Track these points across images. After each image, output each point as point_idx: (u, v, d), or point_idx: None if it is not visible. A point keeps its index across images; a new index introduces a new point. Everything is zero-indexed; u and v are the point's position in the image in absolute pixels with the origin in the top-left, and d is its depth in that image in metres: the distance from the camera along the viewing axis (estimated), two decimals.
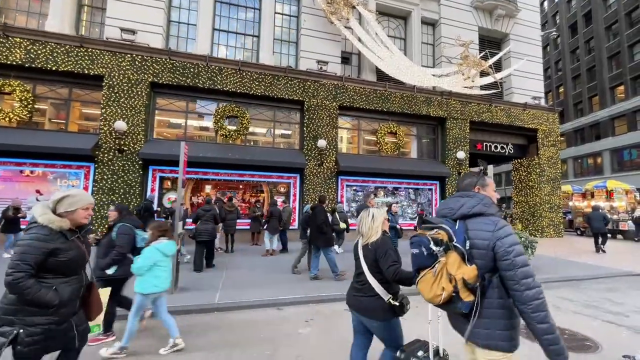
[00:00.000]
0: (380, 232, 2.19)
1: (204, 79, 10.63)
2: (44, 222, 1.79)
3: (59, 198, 1.89)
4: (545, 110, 15.08)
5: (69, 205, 1.88)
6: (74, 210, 1.89)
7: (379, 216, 2.25)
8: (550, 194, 14.66)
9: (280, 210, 8.92)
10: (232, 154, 10.53)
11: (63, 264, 1.82)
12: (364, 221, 2.25)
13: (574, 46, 34.56)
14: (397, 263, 2.09)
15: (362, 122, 13.03)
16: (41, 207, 1.85)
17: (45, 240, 1.77)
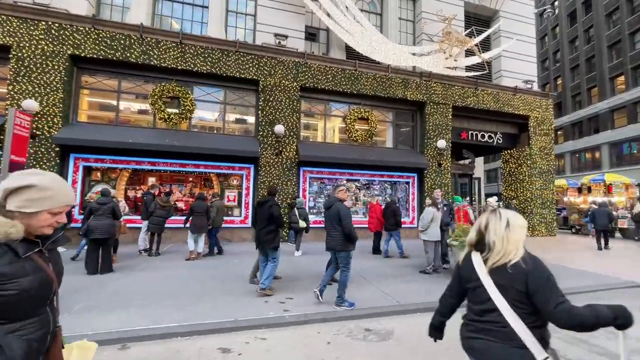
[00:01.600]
0: (522, 247, 1.46)
1: (137, 53, 9.09)
2: None
3: (14, 187, 1.06)
4: (538, 96, 13.59)
5: (30, 202, 1.07)
6: (36, 213, 1.08)
7: (518, 223, 1.48)
8: (543, 189, 13.21)
9: (207, 205, 7.44)
10: (170, 140, 9.02)
11: (11, 300, 1.00)
12: (494, 228, 1.47)
13: (573, 35, 33.08)
14: (565, 299, 1.35)
15: (329, 105, 11.51)
16: None
17: None
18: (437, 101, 11.97)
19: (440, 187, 11.60)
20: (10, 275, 1.00)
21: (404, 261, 7.39)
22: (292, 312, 3.96)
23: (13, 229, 1.02)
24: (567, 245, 10.73)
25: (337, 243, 4.17)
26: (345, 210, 4.19)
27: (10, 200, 1.05)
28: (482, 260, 1.47)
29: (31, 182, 1.06)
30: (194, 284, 5.19)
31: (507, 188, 14.29)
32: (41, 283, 1.08)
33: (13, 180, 1.06)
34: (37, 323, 1.09)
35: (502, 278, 1.40)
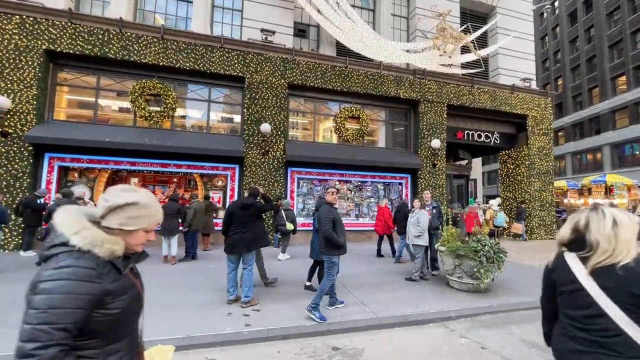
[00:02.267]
0: (634, 248, 1.24)
1: (116, 48, 8.72)
2: (83, 244, 0.97)
3: (119, 204, 1.05)
4: (537, 94, 13.16)
5: (131, 219, 1.06)
6: (135, 231, 1.08)
7: (627, 221, 1.27)
8: (542, 190, 12.76)
9: (179, 207, 7.05)
10: (150, 140, 8.64)
11: (115, 319, 1.01)
12: (598, 227, 1.28)
13: (574, 35, 32.69)
14: None
15: (318, 104, 11.12)
16: (73, 215, 1.02)
17: (89, 278, 0.95)
18: (431, 99, 11.56)
19: (435, 188, 11.18)
20: (116, 293, 1.01)
21: (395, 267, 6.95)
22: (253, 328, 3.54)
23: (117, 246, 1.03)
24: None
25: (321, 246, 4.09)
26: (325, 213, 3.96)
27: (111, 217, 1.04)
28: (579, 261, 1.33)
29: (135, 200, 1.06)
30: (157, 292, 4.77)
31: (505, 189, 13.85)
32: (137, 300, 1.11)
33: (117, 197, 1.05)
34: (131, 341, 1.09)
35: (608, 280, 1.25)
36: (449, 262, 5.21)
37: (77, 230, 0.98)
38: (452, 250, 5.05)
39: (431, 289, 5.25)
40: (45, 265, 0.96)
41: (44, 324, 0.87)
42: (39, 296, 0.90)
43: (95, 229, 1.01)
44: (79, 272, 0.94)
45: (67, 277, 0.92)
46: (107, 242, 1.00)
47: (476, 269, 4.78)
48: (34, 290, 0.91)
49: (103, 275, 0.98)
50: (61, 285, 0.91)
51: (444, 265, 5.42)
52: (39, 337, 0.86)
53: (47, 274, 0.93)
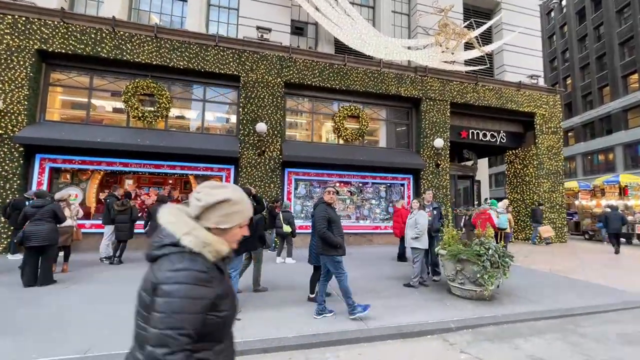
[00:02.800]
0: None
1: (108, 48, 8.57)
2: (194, 245, 0.95)
3: (212, 202, 1.01)
4: (545, 91, 12.67)
5: (225, 217, 1.04)
6: (230, 228, 1.06)
7: None
8: (551, 191, 12.21)
9: None
10: (143, 140, 8.43)
11: (223, 322, 1.01)
12: None
13: (582, 33, 31.95)
14: None
15: (316, 103, 10.82)
16: (180, 215, 1.00)
17: (204, 282, 0.94)
18: (433, 97, 11.17)
19: (438, 189, 10.76)
20: (224, 296, 1.00)
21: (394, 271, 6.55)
22: None
23: (224, 246, 1.01)
24: (578, 253, 9.71)
25: (319, 247, 3.99)
26: (321, 213, 3.90)
27: (207, 216, 1.01)
28: None
29: (227, 196, 1.03)
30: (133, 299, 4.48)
31: (512, 191, 13.32)
32: (235, 300, 1.10)
33: (209, 195, 1.01)
34: (231, 340, 1.11)
35: None
36: (450, 267, 4.81)
37: (187, 230, 0.95)
38: (453, 254, 4.65)
39: (430, 296, 4.85)
40: (159, 266, 0.94)
41: (169, 329, 0.87)
42: (161, 299, 0.89)
43: (203, 229, 0.98)
44: (196, 275, 0.92)
45: (187, 280, 0.90)
46: (216, 242, 0.98)
47: (479, 275, 4.37)
48: (155, 292, 0.91)
49: (213, 279, 0.97)
50: (182, 289, 0.89)
51: (445, 271, 5.02)
52: (167, 343, 0.86)
53: (166, 276, 0.91)
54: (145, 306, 0.93)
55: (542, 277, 6.28)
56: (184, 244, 0.94)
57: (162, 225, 1.00)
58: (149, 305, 0.91)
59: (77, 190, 8.66)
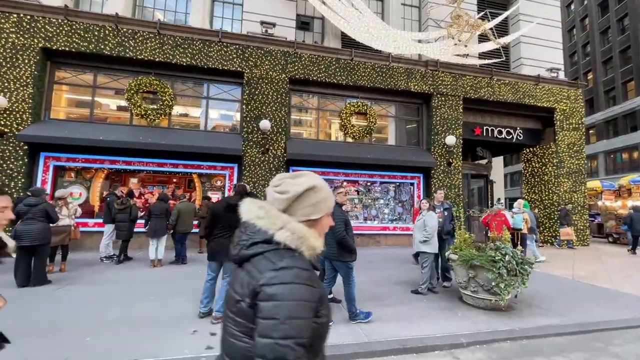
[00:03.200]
0: None
1: (111, 45, 8.50)
2: (290, 240, 0.87)
3: (298, 192, 0.91)
4: (565, 86, 11.94)
5: (313, 207, 0.94)
6: (319, 219, 0.97)
7: None
8: (572, 191, 11.50)
9: (167, 207, 6.63)
10: (145, 138, 8.32)
11: (322, 328, 0.90)
12: None
13: (605, 26, 30.46)
14: None
15: (322, 99, 10.49)
16: (266, 209, 0.91)
17: (311, 282, 0.84)
18: (445, 93, 10.67)
19: (450, 189, 10.26)
20: (324, 297, 0.90)
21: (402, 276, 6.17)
22: (215, 351, 2.94)
23: (319, 242, 0.91)
24: (602, 258, 9.05)
25: (333, 252, 3.75)
26: (338, 215, 3.68)
27: (294, 209, 0.91)
28: None
29: (312, 184, 0.93)
30: (126, 301, 4.29)
31: (529, 191, 12.64)
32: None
33: (293, 185, 0.91)
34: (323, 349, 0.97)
35: None
36: (462, 273, 4.41)
37: (281, 224, 0.87)
38: (465, 260, 4.25)
39: (440, 305, 4.46)
40: (256, 266, 0.84)
41: (286, 337, 0.75)
42: (268, 303, 0.78)
43: (297, 223, 0.89)
44: (302, 274, 0.82)
45: (294, 280, 0.80)
46: (310, 236, 0.89)
47: (494, 283, 3.96)
48: (257, 296, 0.80)
49: (315, 278, 0.88)
50: (291, 290, 0.79)
51: (457, 277, 4.62)
52: (285, 355, 0.74)
53: (269, 276, 0.80)
54: (243, 314, 0.82)
55: (565, 284, 5.78)
56: (279, 239, 0.85)
57: (250, 221, 0.91)
58: (246, 312, 0.81)
59: (81, 188, 8.63)
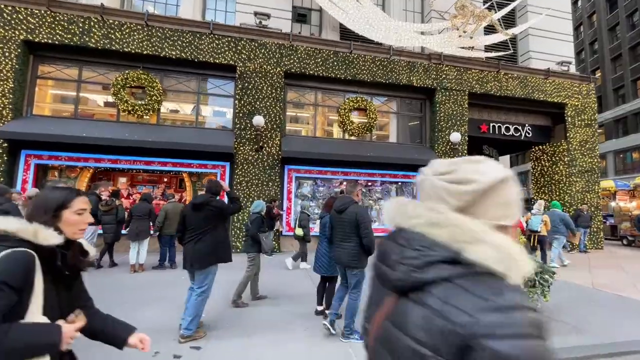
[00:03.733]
0: None
1: (97, 37, 8.08)
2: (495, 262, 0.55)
3: (492, 182, 0.61)
4: (577, 80, 11.33)
5: (510, 205, 0.64)
6: (510, 227, 0.65)
7: None
8: (585, 191, 10.86)
9: (150, 207, 6.16)
10: (131, 135, 7.88)
11: None
12: None
13: (613, 22, 29.69)
14: None
15: (319, 94, 9.99)
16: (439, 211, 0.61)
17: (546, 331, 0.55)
18: (449, 87, 10.12)
19: None
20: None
21: None
22: None
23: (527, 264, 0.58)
24: (621, 262, 8.41)
25: (352, 258, 3.28)
26: (367, 215, 3.32)
27: (480, 209, 0.62)
28: None
29: (504, 174, 0.63)
30: None
31: (539, 191, 12.02)
32: None
33: (477, 173, 0.62)
34: None
35: None
36: None
37: (474, 236, 0.56)
38: None
39: None
40: (446, 300, 0.54)
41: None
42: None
43: (496, 233, 0.58)
44: (536, 320, 0.53)
45: (530, 329, 0.51)
46: (521, 254, 0.57)
47: None
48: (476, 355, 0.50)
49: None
50: (531, 348, 0.50)
51: None
52: None
53: (490, 320, 0.50)
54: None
55: (586, 293, 5.19)
56: (476, 259, 0.55)
57: (414, 228, 0.63)
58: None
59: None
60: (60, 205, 1.09)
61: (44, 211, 1.08)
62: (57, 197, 1.12)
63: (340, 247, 3.38)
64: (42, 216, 1.06)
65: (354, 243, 3.26)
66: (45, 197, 1.13)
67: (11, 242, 0.98)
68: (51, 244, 1.01)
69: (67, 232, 1.09)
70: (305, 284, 5.43)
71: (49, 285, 1.01)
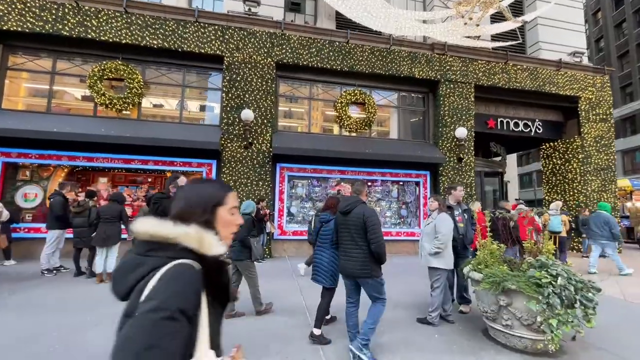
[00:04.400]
0: None
1: (71, 25, 7.44)
2: None
3: None
4: (590, 72, 10.60)
5: None
6: None
7: None
8: (601, 191, 10.09)
9: (121, 209, 5.48)
10: (107, 130, 7.21)
11: None
12: None
13: (619, 19, 29.06)
14: None
15: (314, 87, 9.30)
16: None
17: None
18: (454, 79, 9.41)
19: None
20: None
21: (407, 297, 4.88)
22: None
23: None
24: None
25: (363, 267, 2.80)
26: (375, 217, 2.84)
27: None
28: None
29: None
30: (36, 335, 3.11)
31: (550, 191, 11.24)
32: None
33: None
34: None
35: None
36: (489, 300, 3.14)
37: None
38: (494, 282, 2.98)
39: (457, 341, 3.20)
40: None
41: None
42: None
43: None
44: None
45: None
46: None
47: (541, 318, 2.69)
48: None
49: None
50: None
51: (481, 304, 3.34)
52: None
53: None
54: None
55: (621, 309, 4.43)
56: None
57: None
58: None
59: (36, 189, 7.54)
60: (217, 202, 0.90)
61: (202, 209, 0.87)
62: (212, 191, 0.92)
63: (347, 255, 2.86)
64: (201, 215, 0.86)
65: (362, 250, 2.79)
66: (199, 191, 0.92)
67: (171, 251, 0.76)
68: (216, 253, 0.80)
69: (220, 236, 0.87)
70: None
71: (210, 308, 0.78)
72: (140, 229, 0.78)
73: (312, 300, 4.28)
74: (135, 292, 0.71)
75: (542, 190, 12.08)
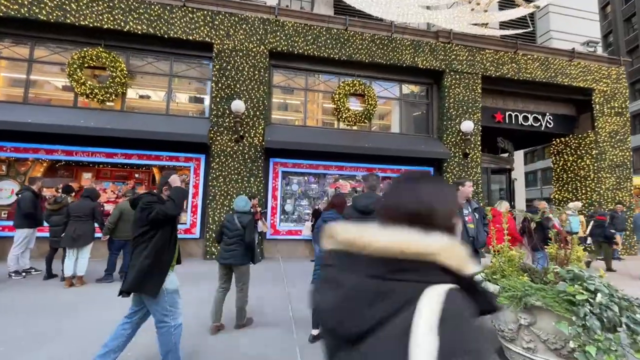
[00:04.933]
0: None
1: (49, 8, 6.93)
2: None
3: None
4: (605, 62, 9.97)
5: None
6: None
7: None
8: (616, 189, 9.49)
9: (93, 206, 5.01)
10: (87, 121, 6.71)
11: None
12: None
13: (629, 13, 28.29)
14: None
15: (310, 77, 8.75)
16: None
17: None
18: (460, 70, 8.83)
19: None
20: None
21: None
22: None
23: None
24: None
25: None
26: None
27: None
28: None
29: None
30: None
31: (561, 188, 10.64)
32: None
33: None
34: None
35: None
36: (507, 317, 2.61)
37: None
38: (513, 297, 2.45)
39: None
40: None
41: None
42: None
43: None
44: None
45: None
46: None
47: (575, 343, 2.15)
48: None
49: None
50: None
51: (496, 320, 2.80)
52: None
53: None
54: None
55: None
56: None
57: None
58: None
59: (12, 184, 7.06)
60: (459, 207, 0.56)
61: (450, 217, 0.68)
62: (454, 192, 0.72)
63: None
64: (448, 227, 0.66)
65: None
66: (447, 191, 0.70)
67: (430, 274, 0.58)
68: (472, 272, 0.63)
69: None
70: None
71: None
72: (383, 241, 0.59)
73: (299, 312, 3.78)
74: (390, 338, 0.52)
75: (551, 189, 11.48)
